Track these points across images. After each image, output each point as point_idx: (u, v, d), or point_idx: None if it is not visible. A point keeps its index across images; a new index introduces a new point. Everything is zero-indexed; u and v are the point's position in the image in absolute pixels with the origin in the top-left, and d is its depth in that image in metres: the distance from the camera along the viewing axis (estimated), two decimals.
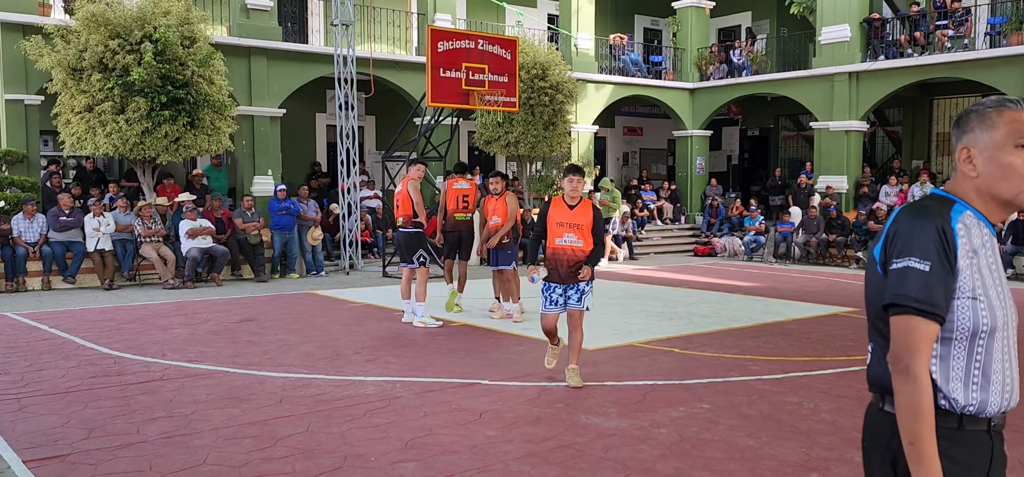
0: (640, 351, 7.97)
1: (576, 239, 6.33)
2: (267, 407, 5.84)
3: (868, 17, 18.93)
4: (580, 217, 6.36)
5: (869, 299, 2.04)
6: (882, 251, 1.97)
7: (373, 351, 7.93)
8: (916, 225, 1.89)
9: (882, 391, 2.02)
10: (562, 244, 6.36)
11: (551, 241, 6.42)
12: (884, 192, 18.34)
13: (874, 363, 2.05)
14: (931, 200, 2.00)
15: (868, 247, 2.04)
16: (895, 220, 1.96)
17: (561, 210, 6.43)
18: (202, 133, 13.27)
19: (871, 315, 2.06)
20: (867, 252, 2.06)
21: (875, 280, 2.00)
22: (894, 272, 1.88)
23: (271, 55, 15.96)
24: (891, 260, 1.90)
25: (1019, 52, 16.08)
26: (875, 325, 2.04)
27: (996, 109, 1.97)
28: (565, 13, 20.80)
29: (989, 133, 1.97)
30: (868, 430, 2.11)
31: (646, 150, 26.16)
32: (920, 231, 1.88)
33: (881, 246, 1.98)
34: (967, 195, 1.99)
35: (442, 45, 13.57)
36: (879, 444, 2.04)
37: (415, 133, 15.63)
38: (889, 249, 1.93)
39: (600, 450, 4.92)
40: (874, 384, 2.06)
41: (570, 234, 6.34)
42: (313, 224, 15.14)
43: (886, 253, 1.94)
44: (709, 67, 22.27)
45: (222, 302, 11.47)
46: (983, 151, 1.97)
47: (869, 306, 2.05)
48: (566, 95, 17.80)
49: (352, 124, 15.89)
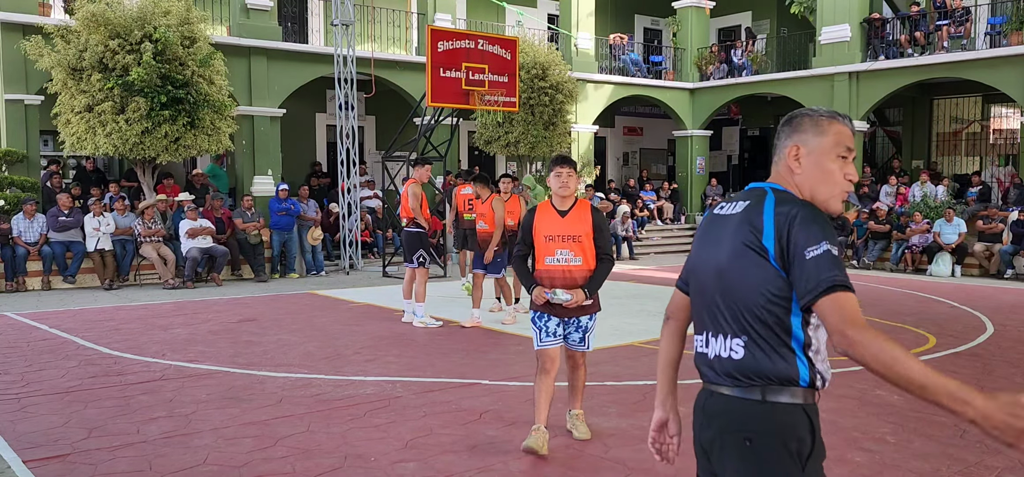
0: (640, 351, 7.96)
1: (573, 256, 4.81)
2: (267, 407, 5.83)
3: (868, 17, 18.93)
4: (576, 226, 4.84)
5: (743, 288, 2.02)
6: (776, 242, 1.97)
7: (373, 351, 7.92)
8: (813, 215, 1.97)
9: (766, 381, 1.99)
10: (554, 264, 4.83)
11: (540, 261, 4.89)
12: (884, 192, 18.34)
13: (754, 354, 2.00)
14: (786, 193, 2.08)
15: (741, 239, 2.03)
16: (780, 212, 1.99)
17: (549, 218, 4.89)
18: (202, 133, 13.27)
19: (746, 303, 2.01)
20: (737, 239, 2.06)
21: (758, 270, 1.99)
22: (813, 259, 1.90)
23: (271, 55, 15.96)
24: (802, 249, 1.92)
25: (1019, 52, 16.07)
26: (752, 313, 2.00)
27: (828, 118, 2.14)
28: (565, 13, 20.79)
29: (818, 138, 2.12)
30: (745, 425, 2.02)
31: (646, 150, 26.15)
32: (817, 219, 1.96)
33: (773, 237, 1.97)
34: (792, 191, 2.12)
35: (442, 45, 13.57)
36: (783, 438, 1.98)
37: (415, 133, 15.62)
38: (787, 239, 1.95)
39: (600, 450, 4.91)
40: (756, 375, 2.00)
41: (565, 250, 4.81)
42: (313, 224, 15.14)
43: (781, 243, 1.96)
44: (709, 67, 22.27)
45: (222, 302, 11.46)
46: (810, 153, 2.12)
47: (740, 295, 2.02)
48: (566, 95, 17.80)
49: (352, 124, 15.89)
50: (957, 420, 1.74)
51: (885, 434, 5.26)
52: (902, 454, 4.88)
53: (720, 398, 2.08)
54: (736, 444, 2.02)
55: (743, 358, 2.03)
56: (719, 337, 2.09)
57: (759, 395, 2.00)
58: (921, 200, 17.00)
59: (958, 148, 21.75)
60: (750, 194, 2.15)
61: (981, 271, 15.27)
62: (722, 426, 2.06)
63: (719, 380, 2.09)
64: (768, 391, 2.00)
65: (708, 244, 2.19)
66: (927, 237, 15.82)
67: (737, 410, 2.03)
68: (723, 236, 2.12)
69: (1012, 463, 4.74)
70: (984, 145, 21.39)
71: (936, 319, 10.02)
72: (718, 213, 2.22)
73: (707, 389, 2.15)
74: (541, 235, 4.87)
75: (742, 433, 2.01)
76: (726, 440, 2.05)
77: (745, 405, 2.02)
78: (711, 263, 2.14)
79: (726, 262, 2.08)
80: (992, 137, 21.23)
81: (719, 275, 2.10)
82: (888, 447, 5.01)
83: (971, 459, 4.80)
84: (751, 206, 2.09)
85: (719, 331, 2.09)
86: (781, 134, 2.19)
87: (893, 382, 1.77)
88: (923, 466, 4.67)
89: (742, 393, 2.03)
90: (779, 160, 2.18)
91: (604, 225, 4.91)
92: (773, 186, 2.13)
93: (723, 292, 2.08)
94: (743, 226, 2.06)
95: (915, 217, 16.12)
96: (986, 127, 21.22)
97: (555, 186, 4.88)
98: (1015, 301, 11.81)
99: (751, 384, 2.01)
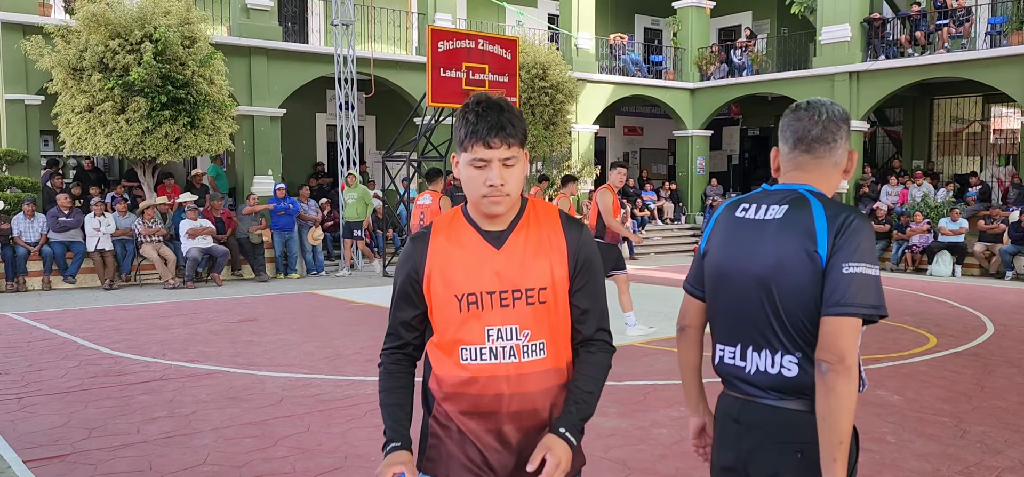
0: (640, 351, 7.96)
1: (527, 340, 2.00)
2: (267, 407, 5.83)
3: (868, 17, 18.93)
4: (528, 264, 2.00)
5: (797, 300, 1.92)
6: (829, 248, 1.89)
7: (373, 351, 7.91)
8: (864, 227, 1.90)
9: (799, 394, 1.94)
10: (481, 366, 2.01)
11: (444, 357, 2.08)
12: (885, 192, 18.33)
13: (807, 371, 1.92)
14: (828, 198, 2.02)
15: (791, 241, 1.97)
16: (832, 217, 1.92)
17: (462, 254, 2.02)
18: (202, 133, 13.27)
19: (800, 317, 1.92)
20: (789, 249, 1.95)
21: (814, 281, 1.89)
22: (850, 276, 1.84)
23: (271, 55, 15.96)
24: (842, 261, 1.86)
25: (1019, 52, 16.06)
26: (806, 328, 1.92)
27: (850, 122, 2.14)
28: (565, 13, 20.79)
29: (849, 140, 2.11)
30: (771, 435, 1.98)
31: (647, 150, 26.15)
32: (869, 235, 1.91)
33: (827, 244, 1.89)
34: (828, 192, 2.05)
35: (442, 45, 13.57)
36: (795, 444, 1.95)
37: (415, 133, 15.62)
38: (835, 246, 1.88)
39: (600, 450, 4.91)
40: (809, 390, 1.92)
41: (506, 326, 1.99)
42: (313, 224, 15.14)
43: (832, 250, 1.88)
44: (709, 67, 22.27)
45: (222, 302, 11.46)
46: (846, 153, 2.10)
47: (792, 308, 1.93)
48: (566, 95, 17.80)
49: (352, 124, 15.89)
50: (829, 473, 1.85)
51: (885, 433, 5.25)
52: (902, 454, 4.88)
53: (761, 408, 2.00)
54: (786, 454, 1.95)
55: (797, 376, 1.94)
56: (765, 352, 1.98)
57: (807, 406, 1.93)
58: (921, 200, 17.00)
59: (958, 148, 21.75)
60: (784, 197, 2.02)
61: (981, 271, 15.27)
62: (765, 437, 1.98)
63: (760, 393, 2.00)
64: (802, 401, 1.94)
65: (739, 249, 2.04)
66: (927, 237, 15.82)
67: (785, 421, 1.96)
68: (761, 242, 1.99)
69: (1012, 463, 4.74)
70: (984, 145, 21.38)
71: (936, 319, 10.01)
72: (745, 216, 2.06)
73: (739, 399, 2.05)
74: (449, 292, 2.02)
75: (792, 444, 1.94)
76: (772, 451, 1.97)
77: (794, 416, 1.95)
78: (749, 272, 2.00)
79: (774, 272, 1.95)
80: (992, 137, 21.23)
81: (763, 286, 1.97)
82: (888, 447, 5.00)
83: (971, 459, 4.80)
84: (794, 211, 1.97)
85: (765, 346, 1.98)
86: (840, 134, 2.06)
87: (834, 422, 1.82)
88: (923, 466, 4.67)
89: (790, 404, 1.96)
90: (839, 164, 2.07)
91: (594, 260, 2.08)
92: (810, 188, 2.02)
93: (771, 304, 1.96)
94: (793, 233, 1.94)
95: (915, 217, 16.12)
96: (986, 127, 21.22)
97: (468, 180, 1.97)
98: (1015, 301, 11.80)
99: (801, 397, 1.95)
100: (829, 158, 2.05)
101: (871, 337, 8.70)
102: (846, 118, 2.09)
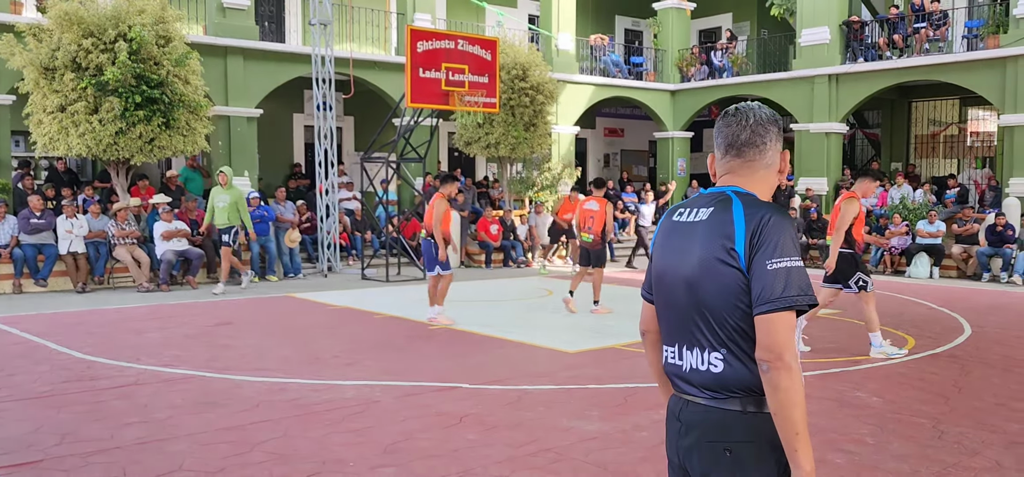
0: (622, 354, 7.94)
1: None
2: (244, 412, 5.74)
3: (847, 19, 19.06)
4: None
5: (718, 300, 1.99)
6: (746, 248, 1.95)
7: (352, 354, 7.83)
8: (781, 224, 1.96)
9: (746, 392, 1.98)
10: None
11: None
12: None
13: (733, 367, 1.99)
14: (754, 197, 2.06)
15: (708, 244, 2.02)
16: (751, 218, 1.98)
17: None
18: (177, 134, 13.09)
19: (722, 315, 1.99)
20: (709, 250, 2.02)
21: (733, 280, 1.97)
22: (773, 272, 1.91)
23: (248, 54, 15.80)
24: (765, 260, 1.92)
25: (995, 55, 16.24)
26: (729, 326, 1.98)
27: (781, 124, 2.20)
28: (545, 13, 20.77)
29: (780, 141, 2.18)
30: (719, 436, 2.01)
31: (627, 151, 26.19)
32: (787, 231, 1.96)
33: (744, 244, 1.95)
34: (763, 196, 2.11)
35: (422, 45, 13.49)
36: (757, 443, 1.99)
37: (394, 134, 15.52)
38: (754, 247, 1.94)
39: (581, 453, 4.87)
40: (736, 387, 1.99)
41: None
42: (290, 226, 14.99)
43: (750, 250, 1.95)
44: (690, 68, 22.34)
45: (197, 305, 11.31)
46: (778, 154, 2.17)
47: (716, 307, 1.99)
48: (547, 96, 17.77)
49: (330, 125, 15.76)
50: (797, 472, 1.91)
51: (864, 435, 5.26)
52: (881, 455, 4.88)
53: (698, 408, 2.06)
54: (716, 454, 2.01)
55: (723, 371, 2.01)
56: (695, 350, 2.06)
57: (739, 406, 1.99)
58: (900, 202, 17.14)
59: (936, 150, 21.96)
60: (712, 199, 2.09)
61: (959, 273, 15.40)
62: (701, 436, 2.04)
63: (696, 392, 2.06)
64: (748, 401, 1.99)
65: (672, 253, 2.13)
66: (906, 239, 15.95)
67: (716, 421, 2.02)
68: (689, 245, 2.07)
69: (989, 463, 4.75)
70: (962, 147, 21.61)
71: (915, 320, 10.07)
72: (678, 220, 2.14)
73: (681, 399, 2.12)
74: None
75: (722, 443, 2.01)
76: (706, 450, 2.03)
77: (724, 416, 2.01)
78: (679, 273, 2.09)
79: (697, 273, 2.03)
80: (969, 139, 21.46)
81: (690, 287, 2.05)
82: (867, 448, 5.00)
83: (949, 460, 4.80)
84: (718, 212, 2.04)
85: (694, 344, 2.06)
86: (769, 135, 2.13)
87: (784, 417, 1.88)
88: (901, 467, 4.67)
89: (721, 403, 2.01)
90: (771, 165, 2.14)
91: None
92: (736, 189, 2.08)
93: (696, 304, 2.04)
94: (713, 235, 2.01)
95: (894, 219, 16.24)
96: (963, 129, 21.44)
97: None
98: (992, 303, 11.91)
99: (730, 395, 2.00)
100: (759, 160, 2.12)
101: (851, 338, 8.73)
102: (774, 120, 2.16)
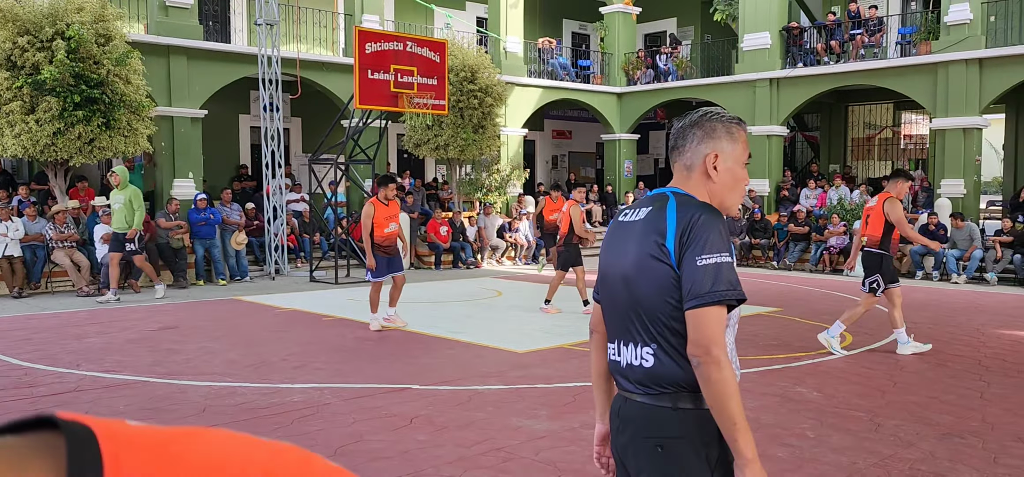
0: (570, 353, 8.02)
1: None
2: (189, 417, 5.65)
3: (787, 25, 19.54)
4: None
5: (650, 296, 2.03)
6: (677, 245, 1.99)
7: (301, 357, 7.77)
8: (710, 221, 1.99)
9: (677, 388, 2.02)
10: None
11: None
12: (804, 195, 18.95)
13: (663, 362, 2.02)
14: (689, 198, 2.08)
15: (642, 241, 2.09)
16: (682, 216, 2.01)
17: None
18: (118, 134, 12.79)
19: (654, 311, 2.03)
20: (643, 247, 2.06)
21: (664, 276, 2.00)
22: (701, 268, 1.94)
23: (191, 54, 15.50)
24: (694, 256, 1.96)
25: (927, 61, 16.82)
26: (661, 322, 2.02)
27: (738, 125, 2.17)
28: (494, 16, 20.83)
29: (732, 146, 2.14)
30: (654, 430, 2.05)
31: (575, 153, 26.41)
32: (716, 227, 1.99)
33: (674, 241, 1.99)
34: (701, 196, 2.12)
35: (370, 46, 13.42)
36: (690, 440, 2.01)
37: (343, 135, 15.41)
38: (684, 244, 1.98)
39: (531, 453, 4.92)
40: (667, 383, 2.02)
41: None
42: (237, 228, 14.76)
43: (681, 248, 1.98)
44: (636, 72, 22.64)
45: (140, 309, 11.07)
46: (726, 160, 2.13)
47: (648, 303, 2.04)
48: (495, 98, 17.83)
49: (277, 126, 15.56)
50: (739, 460, 1.95)
51: (805, 430, 5.42)
52: (821, 448, 5.04)
53: (634, 404, 2.10)
54: (648, 450, 2.05)
55: (653, 366, 2.04)
56: (630, 345, 2.10)
57: (670, 402, 2.03)
58: (838, 203, 17.63)
59: (872, 152, 22.65)
60: (652, 200, 2.14)
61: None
62: (635, 432, 2.08)
63: (632, 388, 2.10)
64: (679, 398, 2.02)
65: (614, 252, 2.18)
66: (844, 238, 16.42)
67: (649, 417, 2.05)
68: (628, 244, 2.12)
69: (924, 454, 4.95)
70: (896, 150, 22.33)
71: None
72: (622, 220, 2.20)
73: (621, 395, 2.17)
74: None
75: (653, 439, 2.04)
76: (639, 446, 2.07)
77: (657, 412, 2.04)
78: (618, 271, 2.14)
79: (632, 270, 2.08)
80: (903, 142, 22.19)
81: (627, 283, 2.09)
82: (808, 442, 5.16)
83: (886, 452, 4.99)
84: (654, 212, 2.08)
85: (630, 340, 2.10)
86: (691, 138, 2.16)
87: (720, 409, 1.92)
88: (841, 459, 4.83)
89: (654, 400, 2.05)
90: (692, 165, 2.15)
91: None
92: (675, 190, 2.13)
93: (632, 300, 2.08)
94: (648, 233, 2.06)
95: (833, 219, 16.71)
96: (897, 132, 22.17)
97: None
98: (924, 300, 12.34)
99: (662, 391, 2.04)
100: (680, 161, 2.18)
101: (792, 335, 8.97)
102: (699, 123, 2.16)
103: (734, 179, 2.15)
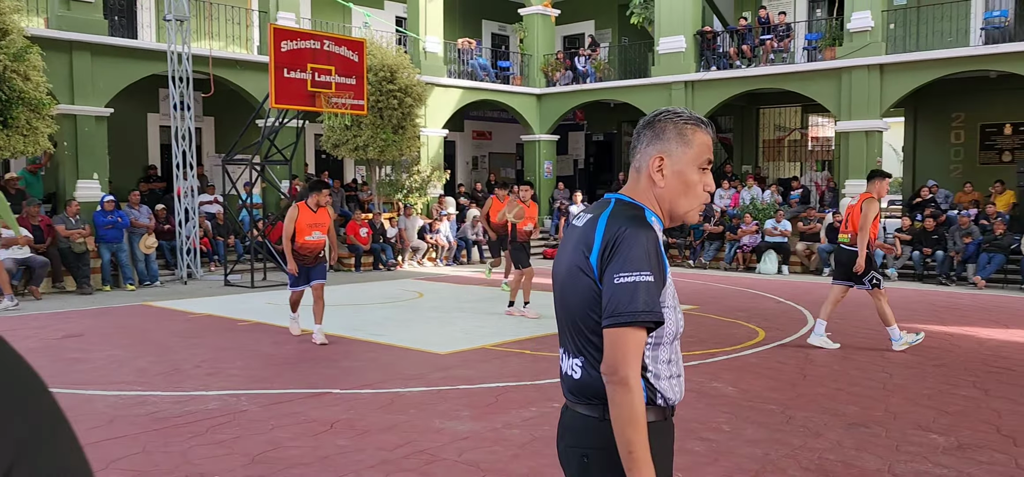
0: (491, 353, 8.03)
1: None
2: (96, 427, 5.41)
3: (701, 30, 20.05)
4: None
5: (577, 308, 1.98)
6: (599, 260, 1.92)
7: (215, 364, 7.54)
8: (635, 236, 1.89)
9: (603, 401, 1.95)
10: None
11: None
12: (718, 195, 19.47)
13: (590, 374, 1.97)
14: (628, 207, 1.99)
15: (570, 254, 2.03)
16: (609, 229, 1.93)
17: None
18: (16, 133, 12.15)
19: (579, 324, 1.99)
20: (573, 258, 2.00)
21: (587, 289, 1.95)
22: (619, 286, 1.85)
23: (96, 50, 14.85)
24: (614, 273, 1.87)
25: (832, 66, 17.53)
26: (585, 335, 1.97)
27: (693, 126, 2.03)
28: (413, 16, 20.69)
29: (683, 148, 2.02)
30: (582, 441, 2.03)
31: (495, 154, 26.47)
32: (640, 244, 1.88)
33: (597, 255, 1.92)
34: (649, 202, 2.03)
35: (286, 45, 13.14)
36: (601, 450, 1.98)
37: (258, 136, 15.03)
38: (607, 259, 1.90)
39: (454, 454, 4.91)
40: (592, 394, 1.98)
41: None
42: (146, 231, 14.22)
43: (603, 262, 1.91)
44: (555, 73, 22.85)
45: (42, 317, 10.55)
46: (675, 164, 2.01)
47: (575, 315, 1.99)
48: (415, 98, 17.71)
49: (188, 125, 15.07)
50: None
51: (721, 423, 5.57)
52: (736, 441, 5.19)
53: (569, 412, 2.07)
54: (577, 459, 2.03)
55: (581, 377, 2.00)
56: (566, 355, 2.06)
57: (596, 412, 1.98)
58: (750, 202, 18.20)
59: (782, 154, 23.46)
60: (599, 206, 2.06)
61: (803, 269, 16.53)
62: (569, 440, 2.06)
63: (568, 396, 2.07)
64: (605, 410, 1.96)
65: (559, 256, 2.12)
66: (756, 237, 16.97)
67: (579, 426, 2.02)
68: (566, 251, 2.06)
69: (831, 444, 5.15)
70: (804, 151, 23.20)
71: (764, 314, 10.73)
72: (572, 224, 2.11)
73: (564, 402, 2.15)
74: None
75: (580, 449, 2.01)
76: (570, 454, 2.05)
77: (585, 421, 2.00)
78: (558, 278, 2.09)
79: (566, 279, 2.02)
80: (811, 144, 23.07)
81: (562, 292, 2.05)
82: (724, 435, 5.31)
83: (796, 442, 5.17)
84: (591, 220, 2.01)
85: (566, 348, 2.06)
86: (642, 138, 2.06)
87: (619, 432, 1.84)
88: (754, 451, 4.99)
89: (583, 410, 2.01)
90: (640, 169, 2.05)
91: None
92: (618, 196, 2.05)
93: (565, 310, 2.03)
94: (579, 243, 1.99)
95: (745, 219, 17.24)
96: (805, 134, 23.03)
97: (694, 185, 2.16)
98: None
99: (589, 402, 1.99)
100: (632, 164, 2.09)
101: (708, 332, 9.21)
102: (651, 123, 2.06)
103: (684, 184, 2.01)
